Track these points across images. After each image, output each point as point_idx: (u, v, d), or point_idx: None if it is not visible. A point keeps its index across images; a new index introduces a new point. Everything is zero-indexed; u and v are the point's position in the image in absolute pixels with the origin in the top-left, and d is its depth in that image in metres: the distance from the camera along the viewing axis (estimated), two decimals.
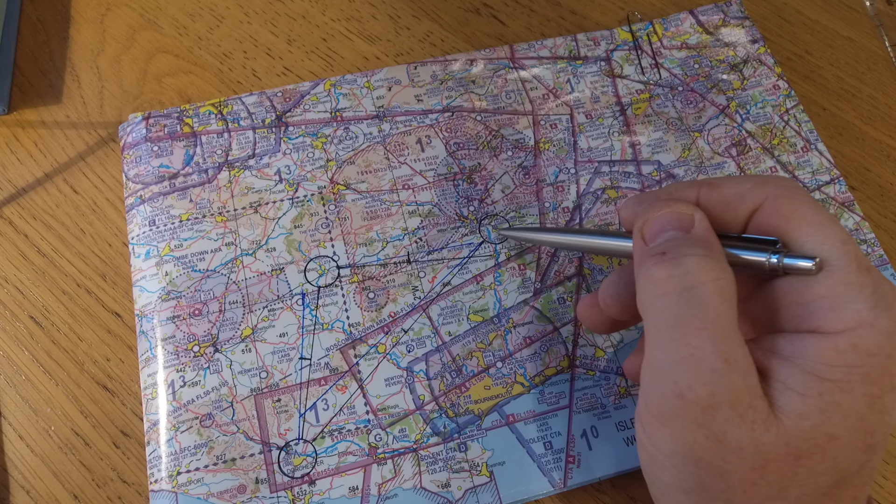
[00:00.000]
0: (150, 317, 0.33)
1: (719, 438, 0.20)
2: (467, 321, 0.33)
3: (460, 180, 0.36)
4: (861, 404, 0.20)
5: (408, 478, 0.30)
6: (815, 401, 0.20)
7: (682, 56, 0.40)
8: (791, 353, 0.21)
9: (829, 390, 0.20)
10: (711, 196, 0.24)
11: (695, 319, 0.20)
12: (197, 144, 0.36)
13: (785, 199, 0.22)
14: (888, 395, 0.20)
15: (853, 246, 0.21)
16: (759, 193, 0.23)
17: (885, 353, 0.20)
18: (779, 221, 0.22)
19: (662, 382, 0.21)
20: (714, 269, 0.21)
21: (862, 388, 0.20)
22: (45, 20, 0.41)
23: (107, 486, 0.31)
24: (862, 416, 0.20)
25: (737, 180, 0.24)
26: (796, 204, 0.22)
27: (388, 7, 0.42)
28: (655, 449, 0.22)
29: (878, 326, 0.20)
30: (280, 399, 0.31)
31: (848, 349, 0.20)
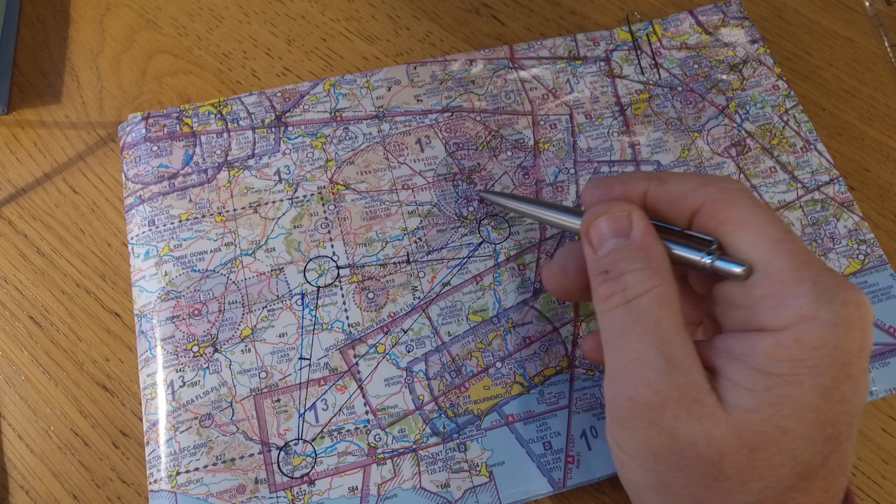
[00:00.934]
0: (149, 317, 0.33)
1: (672, 434, 0.21)
2: (467, 321, 0.33)
3: (460, 180, 0.36)
4: (813, 396, 0.20)
5: (407, 478, 0.30)
6: (763, 395, 0.20)
7: (682, 56, 0.40)
8: (739, 352, 0.22)
9: (777, 384, 0.20)
10: (659, 191, 0.25)
11: (636, 327, 0.22)
12: (196, 144, 0.36)
13: (722, 203, 0.23)
14: (844, 386, 0.20)
15: (790, 244, 0.22)
16: (701, 195, 0.24)
17: (831, 344, 0.20)
18: (716, 225, 0.23)
19: (615, 388, 0.22)
20: (651, 279, 0.23)
21: (811, 381, 0.20)
22: (45, 20, 0.41)
23: (106, 486, 0.31)
24: (816, 407, 0.20)
25: (684, 178, 0.25)
26: (733, 208, 0.23)
27: (388, 7, 0.42)
28: (621, 451, 0.23)
29: (819, 319, 0.20)
30: (279, 399, 0.31)
31: (792, 344, 0.20)
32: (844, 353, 0.20)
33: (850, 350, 0.20)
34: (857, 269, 0.35)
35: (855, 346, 0.20)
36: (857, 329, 0.20)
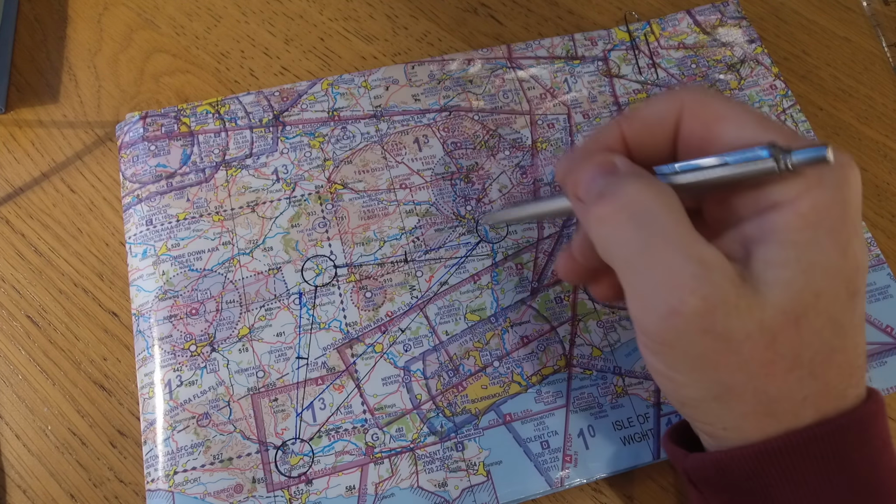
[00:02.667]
0: (146, 316, 0.33)
1: (726, 336, 0.21)
2: (464, 320, 0.33)
3: (458, 180, 0.36)
4: (834, 255, 0.21)
5: (404, 477, 0.30)
6: (795, 265, 0.21)
7: (680, 56, 0.40)
8: (762, 234, 0.22)
9: (804, 252, 0.21)
10: (634, 126, 0.25)
11: (657, 237, 0.21)
12: (194, 144, 0.36)
13: (699, 104, 0.23)
14: (854, 242, 0.21)
15: (771, 122, 0.22)
16: (674, 107, 0.24)
17: (839, 202, 0.21)
18: (701, 125, 0.23)
19: (655, 308, 0.21)
20: (651, 187, 0.22)
21: (830, 240, 0.21)
22: (43, 19, 0.41)
23: (103, 485, 0.31)
24: (839, 266, 0.21)
25: (651, 102, 0.25)
26: (710, 105, 0.23)
27: (386, 7, 0.42)
28: (672, 371, 0.23)
29: (825, 182, 0.21)
30: (277, 398, 0.31)
31: (808, 211, 0.21)
32: (850, 208, 0.21)
33: (854, 205, 0.21)
34: None
35: (856, 201, 0.22)
36: (855, 185, 0.22)
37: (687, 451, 0.25)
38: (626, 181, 0.22)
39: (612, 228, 0.22)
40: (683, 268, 0.21)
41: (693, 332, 0.21)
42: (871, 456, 0.22)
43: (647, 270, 0.21)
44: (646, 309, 0.22)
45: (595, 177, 0.24)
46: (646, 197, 0.22)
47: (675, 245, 0.21)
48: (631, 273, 0.22)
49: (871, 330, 0.33)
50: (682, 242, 0.21)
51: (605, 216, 0.22)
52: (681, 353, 0.22)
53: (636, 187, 0.22)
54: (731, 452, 0.22)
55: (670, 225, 0.21)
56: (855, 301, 0.22)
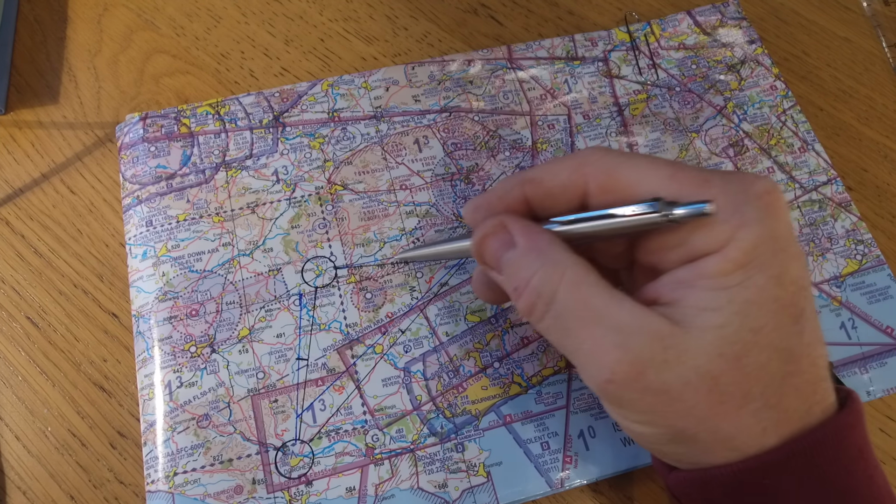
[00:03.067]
0: (146, 317, 0.33)
1: (664, 389, 0.21)
2: (465, 321, 0.33)
3: (458, 181, 0.36)
4: (770, 287, 0.21)
5: (405, 478, 0.30)
6: (728, 308, 0.21)
7: (680, 56, 0.40)
8: (693, 279, 0.22)
9: (738, 293, 0.21)
10: (538, 193, 0.25)
11: (573, 322, 0.22)
12: (194, 145, 0.36)
13: (605, 176, 0.23)
14: (791, 266, 0.22)
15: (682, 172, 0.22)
16: (579, 179, 0.24)
17: (767, 237, 0.21)
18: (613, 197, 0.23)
19: (593, 379, 0.23)
20: (555, 272, 0.23)
21: (763, 276, 0.21)
22: (43, 20, 0.41)
23: (103, 486, 0.31)
24: (776, 297, 0.21)
25: (553, 170, 0.25)
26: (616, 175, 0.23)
27: (386, 7, 0.42)
28: (627, 422, 0.24)
29: (748, 222, 0.21)
30: (277, 399, 0.31)
31: (737, 255, 0.21)
32: (779, 238, 0.21)
33: (783, 233, 0.22)
34: (855, 269, 0.35)
35: (784, 228, 0.22)
36: (780, 211, 0.22)
37: (670, 467, 0.25)
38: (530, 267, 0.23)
39: (535, 321, 0.24)
40: (605, 341, 0.22)
41: (631, 392, 0.22)
42: (846, 467, 0.22)
43: (577, 351, 0.23)
44: (588, 379, 0.23)
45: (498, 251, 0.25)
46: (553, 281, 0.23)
47: (590, 321, 0.22)
48: (567, 353, 0.23)
49: (871, 330, 0.33)
50: (597, 316, 0.22)
51: (526, 311, 0.24)
52: (628, 410, 0.23)
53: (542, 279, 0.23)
54: (710, 471, 0.23)
55: (581, 303, 0.22)
56: (801, 323, 0.22)
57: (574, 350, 0.23)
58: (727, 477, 0.22)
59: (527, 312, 0.24)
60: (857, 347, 0.33)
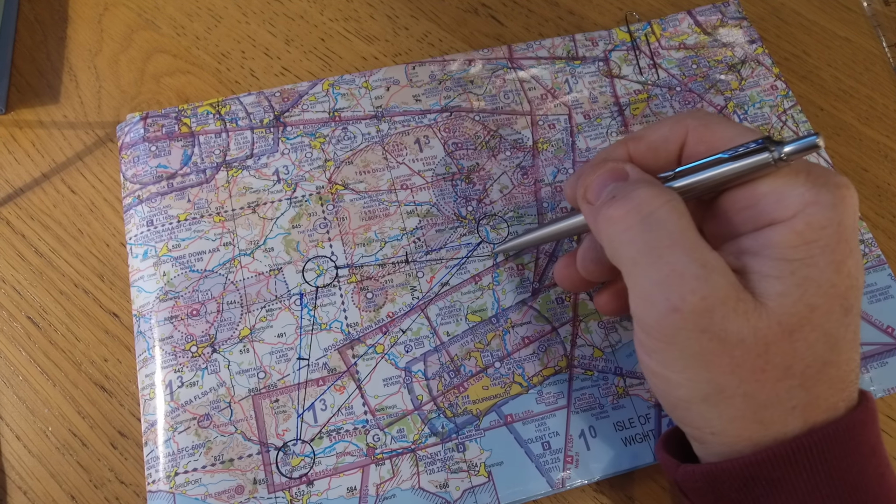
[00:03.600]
0: (147, 317, 0.33)
1: (721, 337, 0.21)
2: (465, 321, 0.33)
3: (459, 180, 0.36)
4: (829, 272, 0.22)
5: (406, 478, 0.30)
6: (790, 279, 0.22)
7: (680, 56, 0.40)
8: (758, 248, 0.23)
9: (799, 267, 0.22)
10: (640, 147, 0.26)
11: (663, 239, 0.22)
12: (195, 144, 0.36)
13: (703, 128, 0.25)
14: (850, 260, 0.22)
15: None
16: (680, 131, 0.25)
17: (835, 222, 0.22)
18: (707, 148, 0.24)
19: (656, 304, 0.22)
20: (662, 194, 0.23)
21: (825, 258, 0.22)
22: (43, 20, 0.41)
23: (104, 486, 0.31)
24: (833, 283, 0.22)
25: (657, 126, 0.26)
26: (714, 129, 0.24)
27: (387, 7, 0.42)
28: (667, 370, 0.23)
29: (821, 202, 0.22)
30: (278, 399, 0.31)
31: (804, 228, 0.22)
32: (846, 228, 0.22)
33: (849, 225, 0.22)
34: None
35: (852, 222, 0.22)
36: (851, 206, 0.22)
37: (678, 462, 0.25)
38: (637, 186, 0.24)
39: (622, 228, 0.23)
40: (686, 268, 0.22)
41: (690, 329, 0.22)
42: (858, 464, 0.22)
43: (652, 268, 0.22)
44: (647, 306, 0.23)
45: (606, 181, 0.25)
46: (655, 201, 0.23)
47: (680, 247, 0.22)
48: (636, 271, 0.23)
49: (872, 330, 0.33)
50: (687, 245, 0.22)
51: (615, 217, 0.23)
52: (676, 351, 0.22)
53: (646, 192, 0.23)
54: (721, 465, 0.23)
55: (677, 228, 0.22)
56: (849, 317, 0.22)
57: (646, 268, 0.22)
58: (738, 470, 0.23)
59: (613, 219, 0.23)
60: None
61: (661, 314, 0.22)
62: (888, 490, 0.23)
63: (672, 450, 0.26)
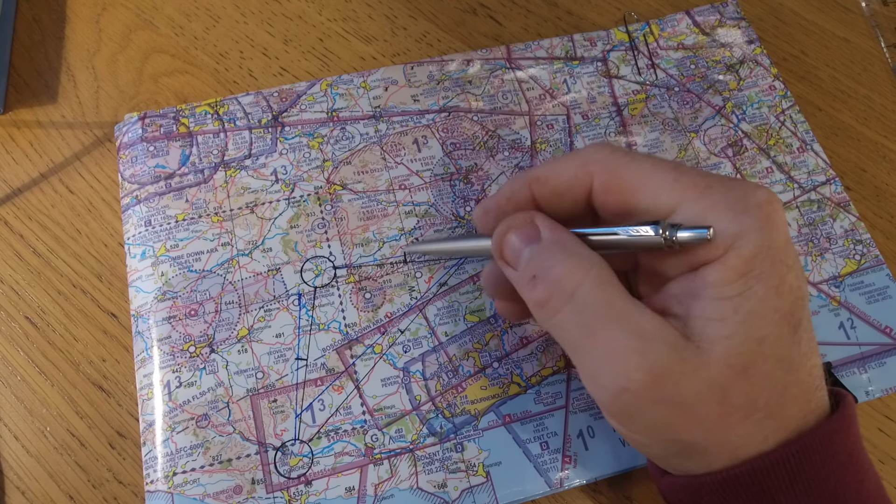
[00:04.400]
0: (145, 317, 0.33)
1: (677, 401, 0.21)
2: (464, 321, 0.33)
3: (457, 180, 0.36)
4: (770, 298, 0.21)
5: (404, 478, 0.30)
6: (733, 318, 0.21)
7: (679, 56, 0.40)
8: (696, 290, 0.22)
9: (740, 304, 0.21)
10: (544, 192, 0.25)
11: (594, 319, 0.22)
12: (193, 144, 0.36)
13: (609, 176, 0.23)
14: (789, 276, 0.22)
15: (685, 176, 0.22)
16: (584, 177, 0.24)
17: (765, 247, 0.21)
18: (616, 197, 0.23)
19: (605, 386, 0.22)
20: (581, 266, 0.22)
21: (763, 286, 0.21)
22: (41, 20, 0.41)
23: (102, 486, 0.31)
24: (776, 307, 0.22)
25: (559, 168, 0.25)
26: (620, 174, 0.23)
27: (385, 7, 0.42)
28: (635, 435, 0.24)
29: (747, 230, 0.21)
30: (276, 399, 0.31)
31: (736, 263, 0.21)
32: (778, 248, 0.22)
33: (780, 244, 0.22)
34: (854, 269, 0.35)
35: (783, 239, 0.22)
36: (779, 223, 0.22)
37: (663, 472, 0.25)
38: (554, 259, 0.23)
39: (550, 315, 0.23)
40: (624, 344, 0.21)
41: (645, 404, 0.22)
42: (835, 472, 0.22)
43: (593, 352, 0.22)
44: (598, 388, 0.23)
45: (520, 245, 0.24)
46: (576, 276, 0.22)
47: (613, 322, 0.22)
48: (578, 356, 0.23)
49: (871, 330, 0.33)
50: (620, 318, 0.22)
51: (541, 301, 0.23)
52: (638, 422, 0.23)
53: (564, 267, 0.23)
54: (701, 478, 0.23)
55: (604, 302, 0.22)
56: (799, 332, 0.22)
57: (587, 351, 0.22)
58: (717, 483, 0.23)
59: (540, 304, 0.23)
60: (856, 347, 0.33)
61: (613, 396, 0.22)
62: (867, 497, 0.23)
63: None
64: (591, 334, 0.22)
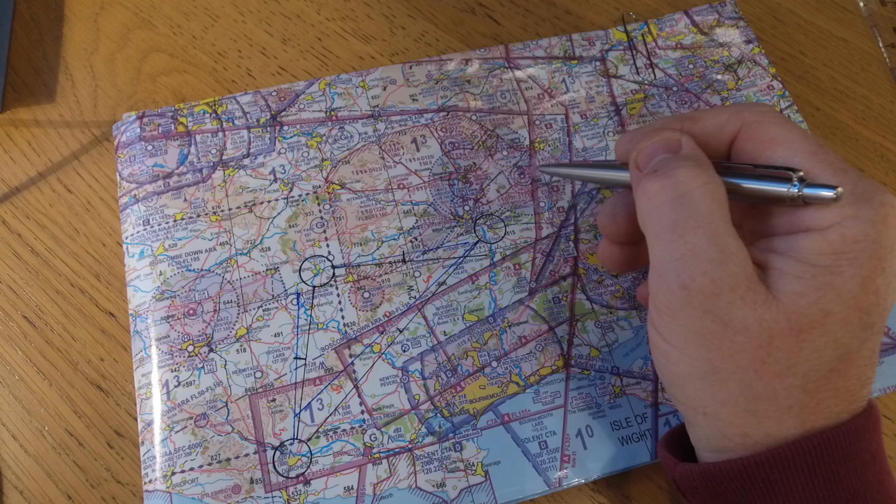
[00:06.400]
0: (144, 316, 0.33)
1: (725, 321, 0.22)
2: (462, 321, 0.33)
3: (455, 180, 0.36)
4: (853, 284, 0.22)
5: (403, 477, 0.30)
6: (810, 281, 0.22)
7: (677, 56, 0.40)
8: (786, 249, 0.23)
9: (822, 273, 0.22)
10: (694, 129, 0.26)
11: (689, 220, 0.22)
12: (191, 144, 0.36)
13: (757, 125, 0.24)
14: (879, 279, 0.22)
15: (825, 154, 0.23)
16: (735, 122, 0.25)
17: (871, 238, 0.22)
18: (754, 146, 0.24)
19: (667, 279, 0.23)
20: (702, 176, 0.23)
21: (852, 271, 0.22)
22: (39, 19, 0.41)
23: (101, 486, 0.31)
24: (855, 295, 0.22)
25: (715, 112, 0.26)
26: (768, 127, 0.24)
27: (384, 6, 0.42)
28: (669, 344, 0.24)
29: (860, 217, 0.22)
30: (275, 399, 0.31)
31: (836, 239, 0.22)
32: (881, 247, 0.22)
33: (886, 245, 0.22)
34: None
35: (890, 242, 0.22)
36: (893, 227, 0.22)
37: (678, 460, 0.25)
38: (681, 163, 0.23)
39: (655, 204, 0.23)
40: (703, 250, 0.22)
41: (695, 308, 0.22)
42: (857, 470, 0.22)
43: (672, 245, 0.23)
44: (660, 280, 0.23)
45: (657, 150, 0.25)
46: (693, 182, 0.23)
47: (703, 229, 0.22)
48: (658, 245, 0.23)
49: None
50: (711, 229, 0.22)
51: (651, 191, 0.24)
52: (680, 327, 0.23)
53: (688, 171, 0.23)
54: (718, 465, 0.23)
55: (706, 211, 0.22)
56: (867, 333, 0.22)
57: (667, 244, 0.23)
58: (735, 471, 0.23)
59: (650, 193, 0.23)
60: None
61: (671, 290, 0.23)
62: (887, 498, 0.23)
63: (673, 449, 0.26)
64: (680, 231, 0.22)
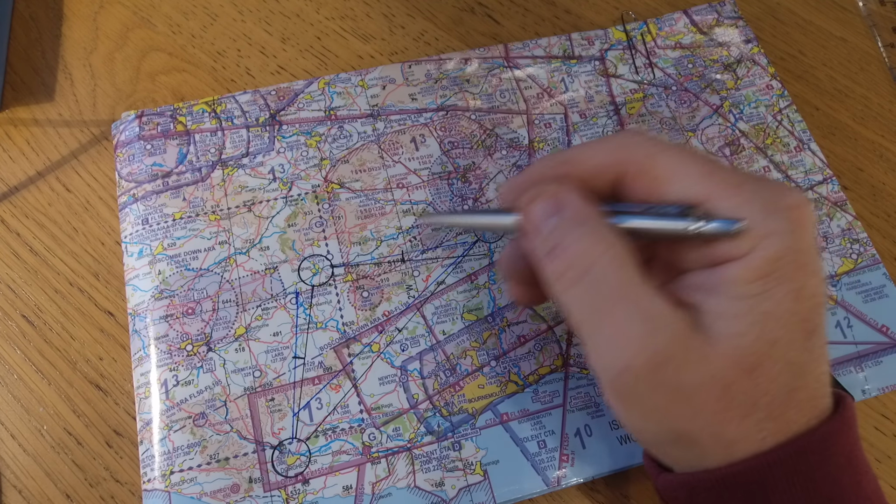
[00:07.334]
0: (143, 316, 0.33)
1: (676, 389, 0.21)
2: (461, 320, 0.33)
3: (455, 179, 0.36)
4: (787, 301, 0.21)
5: (402, 477, 0.30)
6: (747, 317, 0.21)
7: (676, 56, 0.40)
8: (712, 285, 0.22)
9: (756, 303, 0.21)
10: (572, 174, 0.25)
11: (605, 298, 0.22)
12: (190, 143, 0.36)
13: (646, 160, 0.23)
14: (810, 281, 0.22)
15: (719, 173, 0.22)
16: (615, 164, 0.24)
17: (792, 249, 0.21)
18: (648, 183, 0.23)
19: (609, 365, 0.22)
20: (598, 244, 0.22)
21: (783, 288, 0.21)
22: (38, 18, 0.41)
23: (99, 485, 0.31)
24: (793, 311, 0.21)
25: (591, 152, 0.25)
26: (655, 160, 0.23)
27: (383, 6, 0.42)
28: (632, 420, 0.24)
29: (776, 231, 0.21)
30: (274, 398, 0.31)
31: (759, 264, 0.21)
32: (803, 252, 0.21)
33: (806, 248, 0.22)
34: (850, 268, 0.35)
35: (808, 244, 0.22)
36: (807, 227, 0.22)
37: (660, 469, 0.25)
38: (572, 233, 0.23)
39: (564, 288, 0.23)
40: (631, 326, 0.21)
41: (645, 386, 0.22)
42: (833, 474, 0.22)
43: (598, 329, 0.22)
44: (601, 366, 0.23)
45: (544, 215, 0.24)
46: (593, 252, 0.22)
47: (623, 302, 0.22)
48: (585, 331, 0.23)
49: (867, 329, 0.34)
50: (631, 299, 0.22)
51: (556, 273, 0.23)
52: (636, 405, 0.23)
53: (583, 244, 0.22)
54: (697, 475, 0.23)
55: (617, 283, 0.22)
56: (813, 339, 0.22)
57: (595, 329, 0.22)
58: (714, 481, 0.23)
59: (556, 276, 0.23)
60: (853, 346, 0.33)
61: (615, 374, 0.22)
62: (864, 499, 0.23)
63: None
64: (602, 312, 0.22)
